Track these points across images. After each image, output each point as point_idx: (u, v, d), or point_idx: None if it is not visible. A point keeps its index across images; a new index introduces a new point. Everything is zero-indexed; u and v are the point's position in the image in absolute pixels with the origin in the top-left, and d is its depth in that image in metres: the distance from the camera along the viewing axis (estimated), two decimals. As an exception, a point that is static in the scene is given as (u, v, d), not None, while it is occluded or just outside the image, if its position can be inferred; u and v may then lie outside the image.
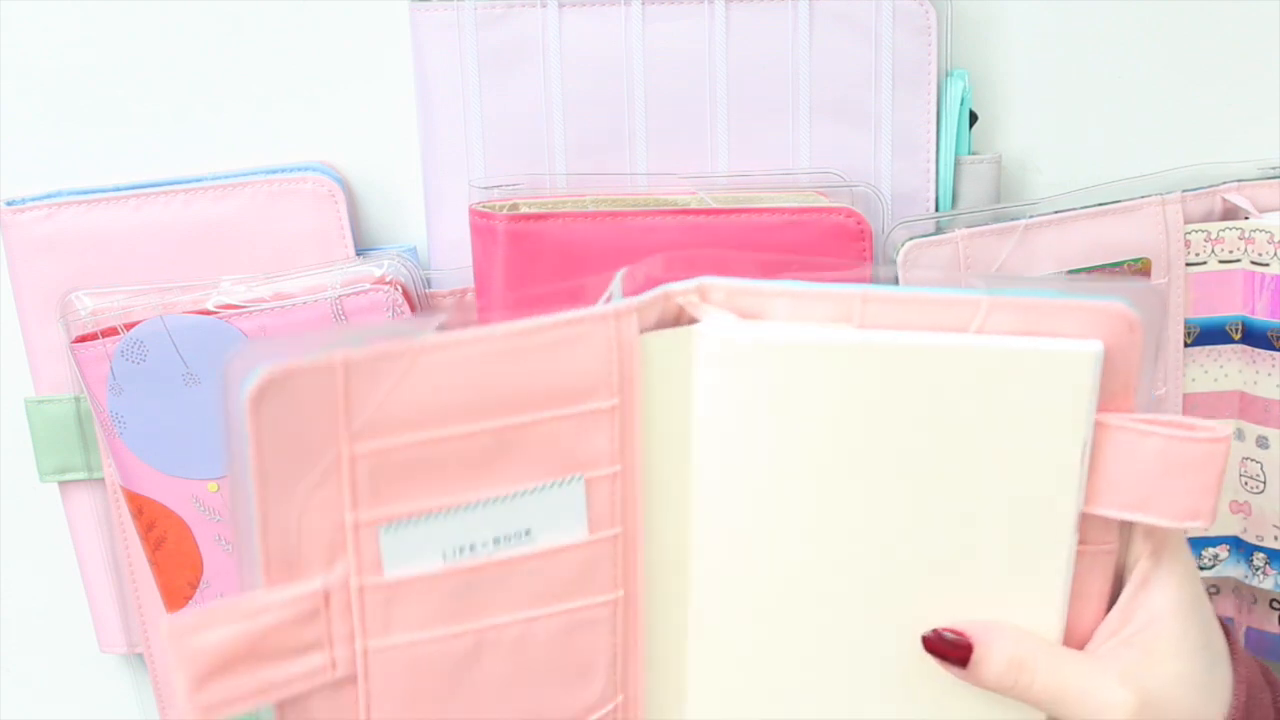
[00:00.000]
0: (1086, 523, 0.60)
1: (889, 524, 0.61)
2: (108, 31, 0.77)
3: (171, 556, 0.76)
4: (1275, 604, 0.79)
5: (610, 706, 0.65)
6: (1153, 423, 0.59)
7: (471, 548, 0.60)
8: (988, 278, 0.65)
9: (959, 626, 0.61)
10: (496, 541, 0.60)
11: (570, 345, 0.59)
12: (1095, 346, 0.58)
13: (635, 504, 0.62)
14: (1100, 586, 0.62)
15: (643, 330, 0.60)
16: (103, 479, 0.78)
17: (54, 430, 0.77)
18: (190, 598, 0.76)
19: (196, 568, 0.76)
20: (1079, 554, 0.61)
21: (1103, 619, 0.63)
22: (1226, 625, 0.65)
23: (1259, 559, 0.79)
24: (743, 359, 0.59)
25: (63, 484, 0.79)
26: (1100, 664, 0.61)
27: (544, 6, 0.74)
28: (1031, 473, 0.59)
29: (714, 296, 0.61)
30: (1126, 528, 0.62)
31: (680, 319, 0.61)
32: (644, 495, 0.62)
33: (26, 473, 0.79)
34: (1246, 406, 0.78)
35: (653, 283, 0.60)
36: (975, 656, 0.61)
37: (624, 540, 0.62)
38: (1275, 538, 0.78)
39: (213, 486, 0.75)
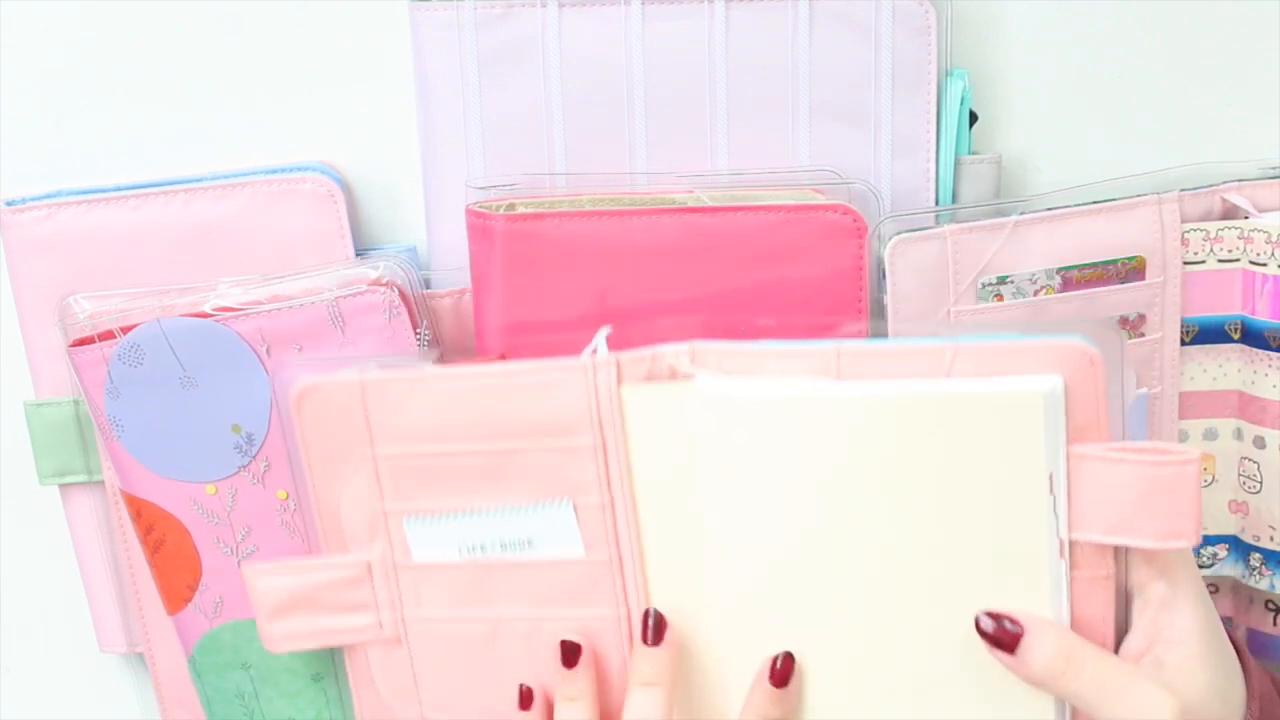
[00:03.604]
0: (1077, 550, 0.64)
1: (881, 555, 0.65)
2: (108, 31, 0.77)
3: (170, 559, 0.76)
4: (1271, 604, 0.79)
5: None
6: (1123, 450, 0.63)
7: (482, 547, 0.71)
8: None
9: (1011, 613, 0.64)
10: (503, 545, 0.70)
11: (551, 388, 0.68)
12: (1051, 382, 0.62)
13: (632, 532, 0.69)
14: (1102, 612, 0.65)
15: (629, 383, 0.68)
16: (102, 481, 0.78)
17: (53, 433, 0.77)
18: (189, 600, 0.76)
19: (195, 570, 0.76)
20: (1075, 580, 0.65)
21: (1108, 642, 0.65)
22: (1238, 641, 0.67)
23: (1255, 559, 0.79)
24: (734, 411, 0.66)
25: (63, 486, 0.79)
26: (1142, 670, 0.63)
27: (544, 6, 0.74)
28: (1005, 503, 0.64)
29: (705, 359, 0.67)
30: (1122, 553, 0.65)
31: (673, 376, 0.68)
32: (643, 526, 0.69)
33: (27, 473, 0.79)
34: (1245, 406, 0.78)
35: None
36: (1025, 643, 0.63)
37: (621, 563, 0.70)
38: (1271, 538, 0.78)
39: (211, 489, 0.75)
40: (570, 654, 0.70)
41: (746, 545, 0.68)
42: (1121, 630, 0.65)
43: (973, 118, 0.77)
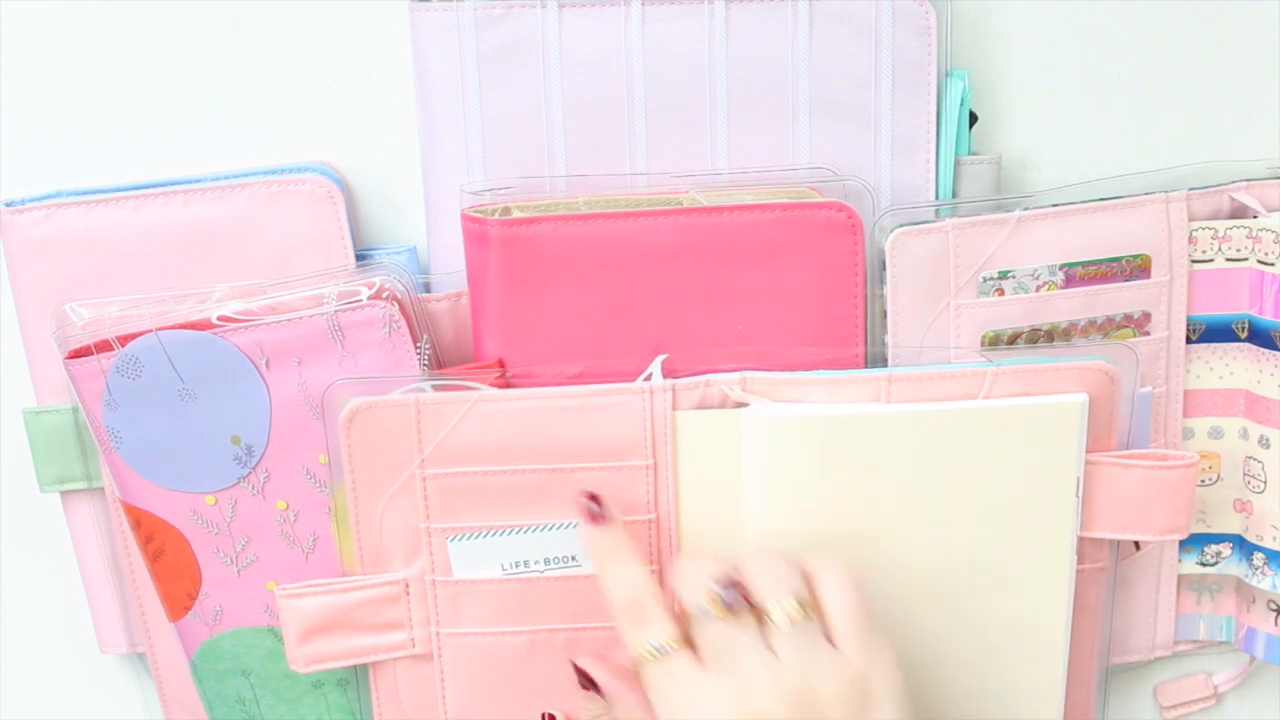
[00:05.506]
0: (1084, 545, 0.72)
1: (922, 558, 0.72)
2: (108, 32, 0.76)
3: (170, 568, 0.76)
4: (1273, 604, 0.79)
5: None
6: (1132, 457, 0.72)
7: (525, 563, 0.73)
8: (990, 351, 0.75)
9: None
10: (547, 561, 0.73)
11: (607, 412, 0.71)
12: (1080, 397, 0.70)
13: (673, 546, 0.73)
14: (1096, 599, 0.74)
15: (682, 409, 0.71)
16: (103, 488, 0.78)
17: (53, 441, 0.77)
18: (190, 608, 0.76)
19: (195, 579, 0.76)
20: (1079, 572, 0.72)
21: (1098, 622, 0.74)
22: None
23: (1258, 559, 0.79)
24: (791, 433, 0.70)
25: (63, 492, 0.79)
26: None
27: (544, 7, 0.74)
28: (1037, 505, 0.71)
29: (756, 387, 0.71)
30: (1115, 545, 0.74)
31: (724, 403, 0.71)
32: (682, 539, 0.72)
33: (28, 475, 0.79)
34: (1251, 405, 0.78)
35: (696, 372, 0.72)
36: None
37: (661, 575, 0.72)
38: (1274, 538, 0.78)
39: (210, 500, 0.75)
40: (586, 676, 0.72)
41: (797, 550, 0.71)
42: (1110, 614, 0.75)
43: (973, 118, 0.76)
